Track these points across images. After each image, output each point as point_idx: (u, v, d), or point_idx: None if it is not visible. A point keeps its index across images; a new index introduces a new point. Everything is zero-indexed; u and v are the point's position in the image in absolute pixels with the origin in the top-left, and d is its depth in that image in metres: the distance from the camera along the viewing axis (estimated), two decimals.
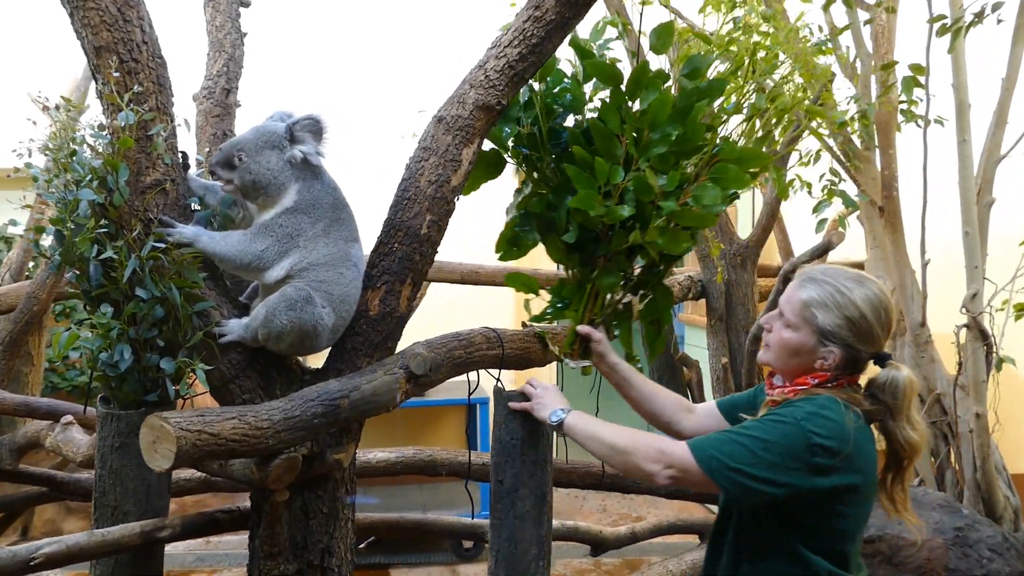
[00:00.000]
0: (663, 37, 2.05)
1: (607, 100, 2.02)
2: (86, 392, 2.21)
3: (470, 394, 2.28)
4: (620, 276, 2.12)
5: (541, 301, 2.22)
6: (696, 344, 5.77)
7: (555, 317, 2.18)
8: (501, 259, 2.17)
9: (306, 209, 1.83)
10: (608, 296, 2.16)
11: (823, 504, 1.56)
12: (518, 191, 2.19)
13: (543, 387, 1.96)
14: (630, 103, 2.00)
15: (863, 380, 1.69)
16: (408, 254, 1.94)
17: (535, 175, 2.12)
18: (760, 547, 1.63)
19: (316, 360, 1.99)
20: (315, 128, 1.85)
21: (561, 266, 2.22)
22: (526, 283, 2.21)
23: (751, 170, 2.04)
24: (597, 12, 2.09)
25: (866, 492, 1.59)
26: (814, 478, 1.51)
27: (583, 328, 2.07)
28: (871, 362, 1.65)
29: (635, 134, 1.99)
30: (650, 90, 1.98)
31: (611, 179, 1.97)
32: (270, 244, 1.81)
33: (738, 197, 2.11)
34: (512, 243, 2.17)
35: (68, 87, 3.85)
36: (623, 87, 2.00)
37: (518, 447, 2.09)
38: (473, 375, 2.21)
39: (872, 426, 1.64)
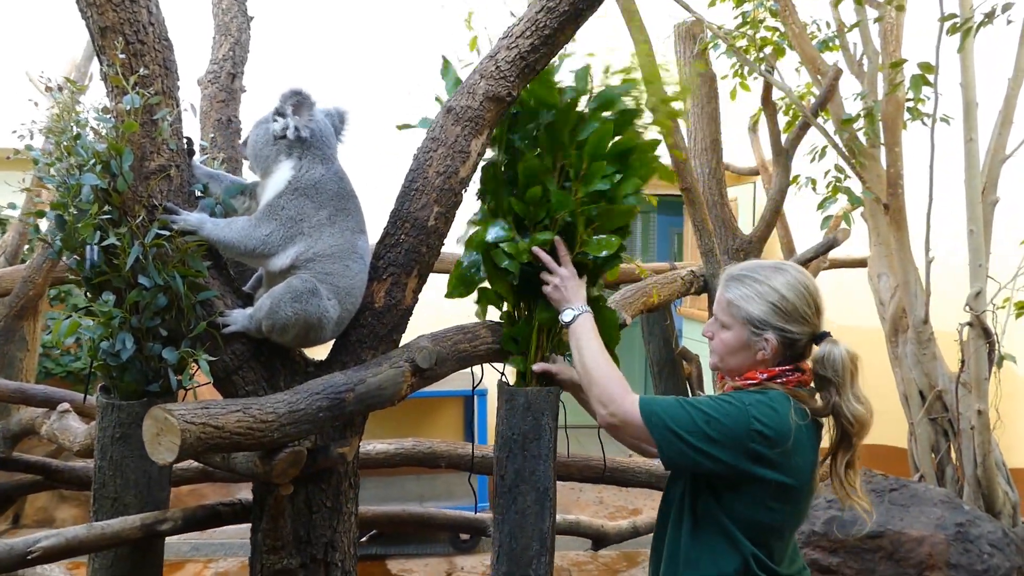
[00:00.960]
0: (581, 80, 2.05)
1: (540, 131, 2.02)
2: (86, 381, 2.18)
3: (475, 387, 2.26)
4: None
5: None
6: (695, 338, 5.76)
7: (512, 363, 2.13)
8: (448, 296, 2.13)
9: (307, 191, 1.80)
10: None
11: (753, 493, 1.59)
12: (470, 222, 2.16)
13: (567, 273, 1.93)
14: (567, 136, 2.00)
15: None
16: (415, 246, 1.92)
17: (493, 206, 2.10)
18: (698, 524, 1.67)
19: (320, 352, 1.96)
20: (298, 101, 1.81)
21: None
22: (494, 300, 2.17)
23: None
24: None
25: (797, 494, 1.61)
26: (747, 463, 1.55)
27: (539, 367, 2.05)
28: (811, 345, 1.69)
29: (570, 167, 2.00)
30: (590, 123, 1.99)
31: (552, 211, 1.98)
32: (275, 228, 1.78)
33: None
34: (461, 282, 2.13)
35: (67, 68, 3.80)
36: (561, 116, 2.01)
37: (519, 442, 2.08)
38: (476, 368, 2.20)
39: (819, 422, 1.67)
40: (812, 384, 1.68)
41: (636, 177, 2.05)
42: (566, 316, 1.87)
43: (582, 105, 2.07)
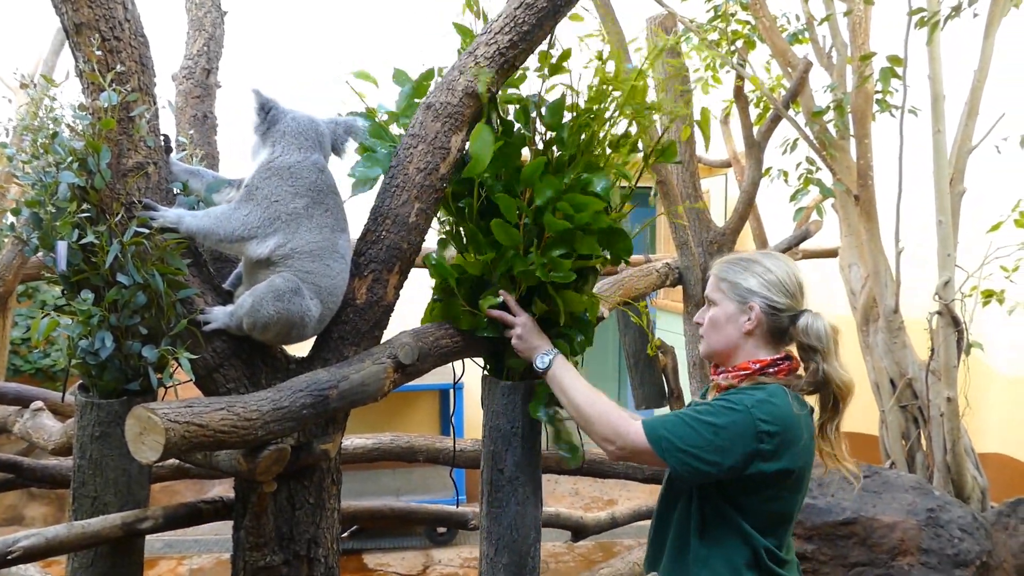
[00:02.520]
0: (556, 113, 2.04)
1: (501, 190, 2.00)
2: (64, 378, 2.16)
3: (455, 382, 2.27)
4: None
5: None
6: (669, 329, 5.81)
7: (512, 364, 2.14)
8: (424, 322, 2.14)
9: (280, 172, 1.80)
10: None
11: (764, 488, 1.63)
12: (442, 242, 2.18)
13: (524, 321, 1.96)
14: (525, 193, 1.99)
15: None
16: (396, 242, 1.92)
17: (463, 240, 2.11)
18: (707, 522, 1.70)
19: (302, 348, 1.96)
20: (257, 102, 1.84)
21: None
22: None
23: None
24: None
25: (801, 478, 1.68)
26: (758, 463, 1.59)
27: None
28: (794, 326, 1.73)
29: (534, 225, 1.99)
30: (546, 186, 1.95)
31: (513, 269, 1.99)
32: (252, 208, 1.77)
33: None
34: (435, 310, 2.14)
35: (35, 63, 3.73)
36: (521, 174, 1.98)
37: (519, 435, 2.09)
38: (457, 362, 2.20)
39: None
40: (801, 371, 1.73)
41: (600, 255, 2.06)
42: (540, 363, 1.89)
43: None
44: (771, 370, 1.70)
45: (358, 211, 2.01)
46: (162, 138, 1.83)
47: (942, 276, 3.01)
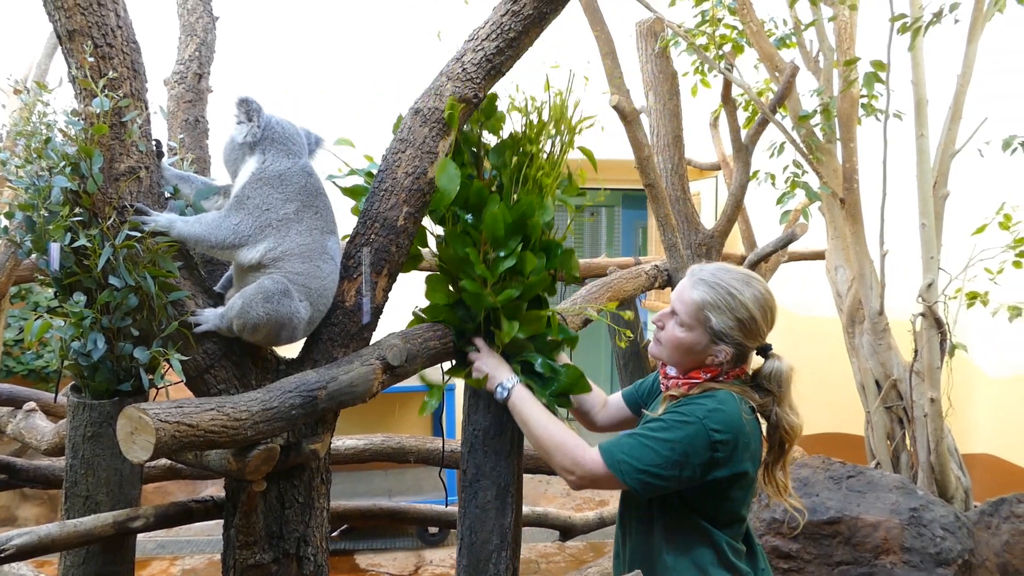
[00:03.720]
0: (499, 155, 2.08)
1: (472, 221, 2.05)
2: (57, 379, 2.18)
3: (443, 383, 2.29)
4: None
5: None
6: None
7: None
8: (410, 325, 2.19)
9: (272, 181, 1.82)
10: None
11: (720, 492, 1.68)
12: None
13: (486, 355, 1.98)
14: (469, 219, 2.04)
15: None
16: (384, 245, 1.95)
17: (446, 271, 2.14)
18: (668, 529, 1.74)
19: (291, 349, 1.98)
20: (244, 108, 1.85)
21: None
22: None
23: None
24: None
25: (753, 477, 1.72)
26: (713, 471, 1.63)
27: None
28: (755, 353, 1.78)
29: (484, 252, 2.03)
30: (491, 204, 2.00)
31: (483, 303, 2.01)
32: (243, 217, 1.80)
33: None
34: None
35: (28, 67, 3.75)
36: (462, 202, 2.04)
37: (480, 438, 2.12)
38: (446, 363, 2.23)
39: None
40: (747, 378, 1.77)
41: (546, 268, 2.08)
42: (499, 394, 1.90)
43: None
44: (720, 378, 1.72)
45: (349, 215, 2.05)
46: (154, 143, 1.85)
47: (925, 278, 3.05)
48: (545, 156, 2.09)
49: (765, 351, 1.77)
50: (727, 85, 3.69)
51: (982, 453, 4.98)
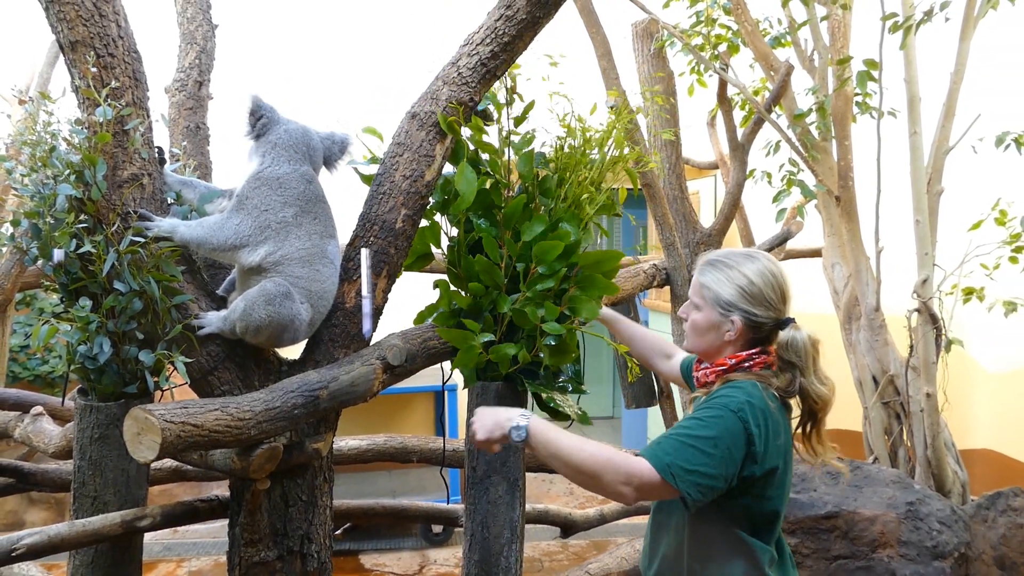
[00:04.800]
0: (527, 163, 2.13)
1: (485, 227, 2.11)
2: (63, 383, 2.22)
3: (444, 382, 2.33)
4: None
5: None
6: (660, 329, 5.87)
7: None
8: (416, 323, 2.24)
9: (270, 182, 1.87)
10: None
11: (754, 490, 1.63)
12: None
13: (482, 412, 1.71)
14: (509, 233, 2.10)
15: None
16: (383, 248, 1.98)
17: (455, 275, 2.19)
18: (704, 536, 1.70)
19: (293, 351, 2.02)
20: (250, 108, 1.91)
21: None
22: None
23: (608, 270, 2.19)
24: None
25: (783, 475, 1.68)
26: (750, 465, 1.60)
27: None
28: (777, 331, 1.76)
29: (517, 264, 2.09)
30: (535, 223, 2.07)
31: (497, 308, 2.08)
32: (243, 218, 1.84)
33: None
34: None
35: (30, 76, 3.80)
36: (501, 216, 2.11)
37: None
38: (446, 364, 2.27)
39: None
40: (777, 366, 1.75)
41: (592, 296, 2.14)
42: (517, 437, 1.62)
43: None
44: (746, 364, 1.72)
45: (348, 219, 2.08)
46: (156, 150, 1.89)
47: (920, 274, 3.08)
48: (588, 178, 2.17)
49: (784, 325, 1.75)
50: (722, 85, 3.72)
51: (982, 448, 5.00)
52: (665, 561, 1.77)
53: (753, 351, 1.74)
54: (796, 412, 1.78)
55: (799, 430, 1.76)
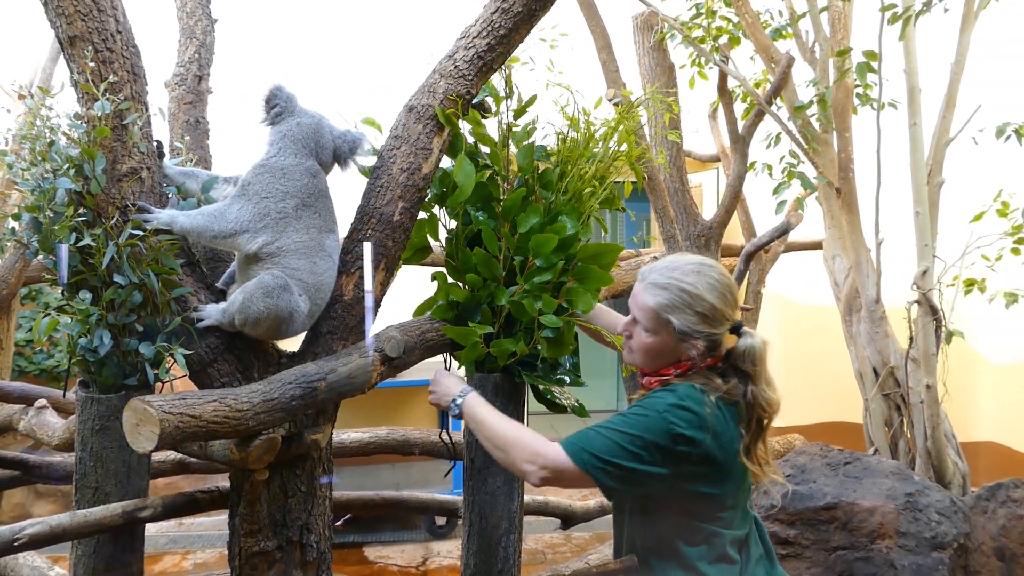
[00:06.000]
0: (528, 156, 2.13)
1: (483, 219, 2.11)
2: (65, 376, 2.24)
3: (446, 365, 2.34)
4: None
5: None
6: None
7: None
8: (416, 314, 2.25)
9: (274, 171, 1.88)
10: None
11: (690, 487, 1.63)
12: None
13: (438, 376, 1.90)
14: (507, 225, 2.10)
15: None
16: (381, 240, 2.00)
17: (453, 268, 2.20)
18: (649, 528, 1.71)
19: (292, 343, 2.04)
20: (266, 96, 1.93)
21: None
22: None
23: (606, 263, 2.18)
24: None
25: (729, 468, 1.64)
26: (678, 465, 1.58)
27: None
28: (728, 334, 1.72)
29: (515, 257, 2.09)
30: (531, 215, 2.07)
31: (495, 300, 2.09)
32: (243, 204, 1.85)
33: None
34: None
35: (33, 71, 3.82)
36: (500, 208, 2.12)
37: None
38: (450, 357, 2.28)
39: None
40: (723, 370, 1.70)
41: (589, 289, 2.13)
42: (453, 410, 1.80)
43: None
44: (691, 371, 1.69)
45: (346, 212, 2.09)
46: (155, 144, 1.91)
47: (920, 266, 3.08)
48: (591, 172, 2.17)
49: (737, 330, 1.71)
50: (723, 77, 3.72)
51: (985, 440, 5.01)
52: (625, 553, 1.79)
53: (695, 357, 1.69)
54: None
55: (744, 448, 1.68)
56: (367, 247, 1.99)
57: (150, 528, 4.74)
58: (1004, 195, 3.32)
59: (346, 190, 2.28)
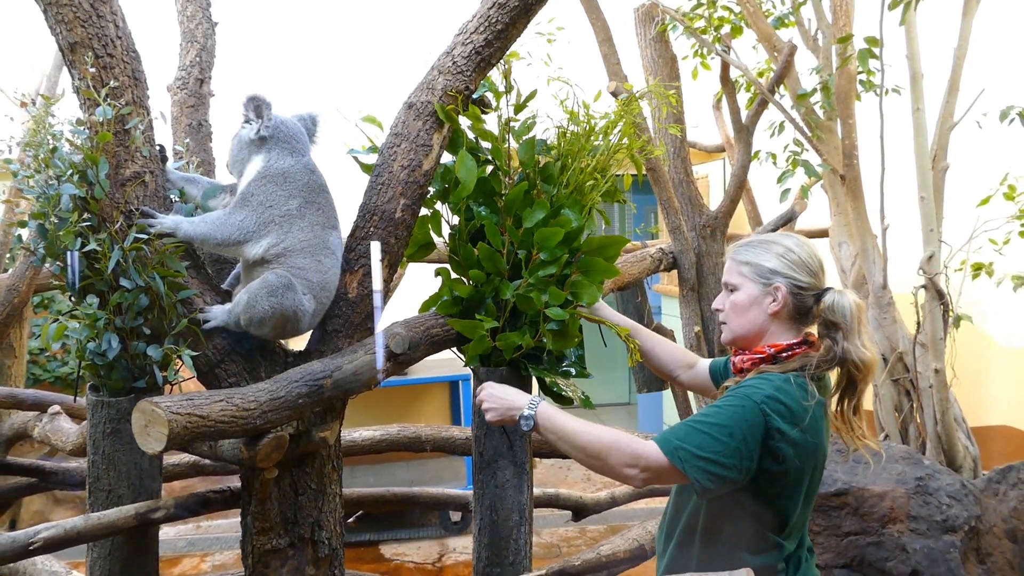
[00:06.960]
0: (528, 150, 2.14)
1: (486, 214, 2.13)
2: (75, 382, 2.27)
3: (465, 364, 2.35)
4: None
5: None
6: (672, 314, 5.88)
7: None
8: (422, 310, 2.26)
9: (276, 178, 1.89)
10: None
11: (773, 488, 1.60)
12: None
13: (491, 389, 1.77)
14: (511, 219, 2.11)
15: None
16: (383, 237, 2.01)
17: (456, 263, 2.21)
18: (718, 527, 1.67)
19: (298, 342, 2.05)
20: (256, 105, 1.91)
21: None
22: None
23: (610, 255, 2.19)
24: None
25: (805, 475, 1.62)
26: (770, 462, 1.55)
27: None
28: (818, 306, 1.69)
29: (519, 251, 2.11)
30: (536, 209, 2.08)
31: (500, 295, 2.10)
32: (247, 214, 1.86)
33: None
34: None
35: (38, 79, 3.85)
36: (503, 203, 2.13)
37: None
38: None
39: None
40: (819, 353, 1.66)
41: (594, 281, 2.15)
42: (525, 427, 1.67)
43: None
44: (784, 355, 1.66)
45: (348, 210, 2.11)
46: (157, 148, 1.92)
47: (926, 251, 3.07)
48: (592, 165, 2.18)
49: (826, 292, 1.69)
50: (725, 67, 3.71)
51: (999, 424, 4.98)
52: (678, 543, 1.75)
53: (794, 341, 1.68)
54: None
55: (837, 407, 1.67)
56: (374, 246, 2.00)
57: (168, 531, 4.78)
58: (1010, 178, 3.30)
59: (347, 188, 2.30)
